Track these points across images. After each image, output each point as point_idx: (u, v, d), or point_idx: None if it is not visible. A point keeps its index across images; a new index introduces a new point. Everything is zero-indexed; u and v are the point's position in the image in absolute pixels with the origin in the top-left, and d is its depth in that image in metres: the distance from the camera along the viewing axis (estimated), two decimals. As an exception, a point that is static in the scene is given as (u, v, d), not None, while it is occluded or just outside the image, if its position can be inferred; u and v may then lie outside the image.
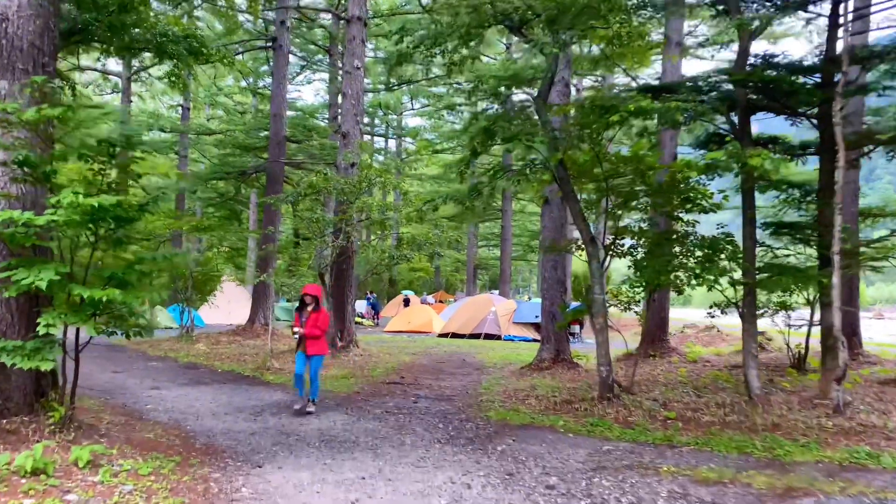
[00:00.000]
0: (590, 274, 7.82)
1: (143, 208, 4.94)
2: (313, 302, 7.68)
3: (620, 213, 8.31)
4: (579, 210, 7.76)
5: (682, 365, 12.27)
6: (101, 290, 4.26)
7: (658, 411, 7.26)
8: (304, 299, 7.74)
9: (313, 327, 7.55)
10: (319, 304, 7.70)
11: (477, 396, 8.97)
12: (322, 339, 7.68)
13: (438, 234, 14.29)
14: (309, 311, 7.65)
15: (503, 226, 33.89)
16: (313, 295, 7.72)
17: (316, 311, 7.62)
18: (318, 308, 7.66)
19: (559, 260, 12.12)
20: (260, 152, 19.80)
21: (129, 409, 7.75)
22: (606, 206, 8.45)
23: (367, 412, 7.71)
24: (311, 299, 7.70)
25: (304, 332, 7.54)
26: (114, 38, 12.97)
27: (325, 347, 7.79)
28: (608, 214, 8.57)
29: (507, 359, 14.52)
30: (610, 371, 7.86)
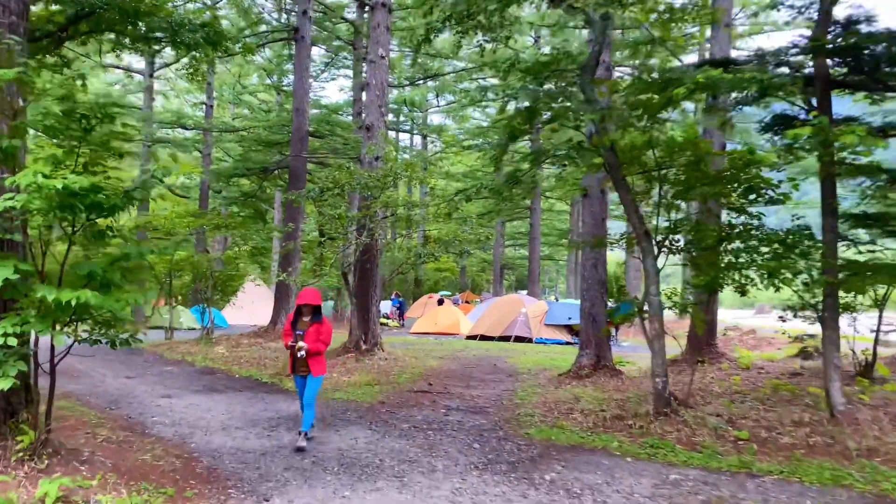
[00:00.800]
0: (644, 273, 6.91)
1: (130, 196, 4.18)
2: (312, 312, 6.33)
3: (677, 204, 7.37)
4: (632, 200, 6.86)
5: (735, 372, 11.26)
6: (70, 292, 3.51)
7: (726, 430, 6.32)
8: (301, 309, 6.33)
9: (316, 341, 6.24)
10: (321, 313, 6.36)
11: (513, 408, 8.11)
12: (323, 357, 6.44)
13: (467, 230, 13.42)
14: (307, 321, 6.30)
15: (532, 224, 32.91)
16: (313, 304, 6.32)
17: (316, 321, 6.28)
18: (320, 318, 6.32)
19: (599, 258, 11.19)
20: (283, 148, 19.16)
21: (132, 422, 7.05)
22: (660, 198, 7.51)
23: (393, 427, 6.89)
24: (309, 309, 6.33)
25: (309, 347, 6.15)
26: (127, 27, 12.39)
27: (325, 366, 6.48)
28: (660, 207, 7.63)
29: (541, 364, 13.62)
30: (666, 383, 6.95)
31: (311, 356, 6.25)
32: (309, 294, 6.37)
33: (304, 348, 6.14)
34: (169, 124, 25.20)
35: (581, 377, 10.57)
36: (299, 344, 6.16)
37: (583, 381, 10.36)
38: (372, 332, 14.01)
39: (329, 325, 6.38)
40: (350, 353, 13.22)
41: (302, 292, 6.44)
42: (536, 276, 32.31)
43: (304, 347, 6.14)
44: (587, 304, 11.19)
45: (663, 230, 7.43)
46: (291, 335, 6.30)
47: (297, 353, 6.18)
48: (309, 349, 6.17)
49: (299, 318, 6.35)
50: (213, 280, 16.23)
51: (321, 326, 6.30)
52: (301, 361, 6.27)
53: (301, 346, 6.16)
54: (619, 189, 6.82)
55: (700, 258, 7.53)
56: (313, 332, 6.23)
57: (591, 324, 11.05)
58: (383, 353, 13.57)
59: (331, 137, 17.90)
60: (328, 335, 6.38)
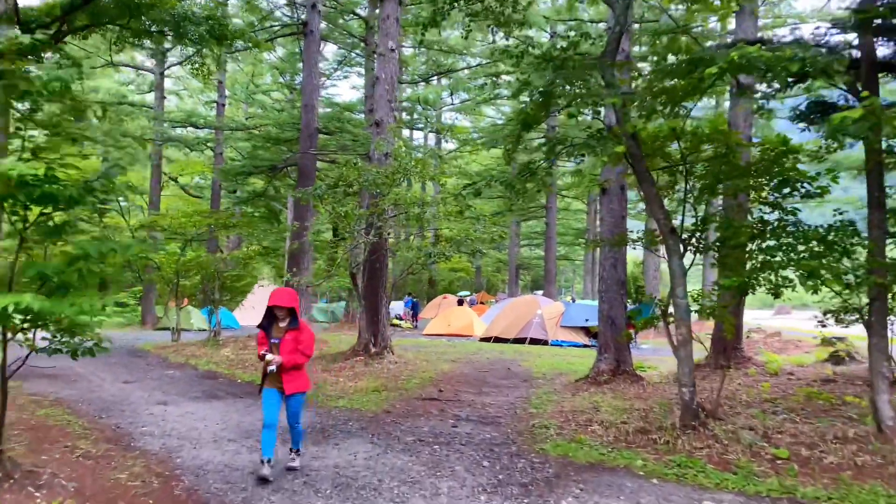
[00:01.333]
0: (669, 273, 6.34)
1: (90, 187, 3.69)
2: (288, 316, 5.22)
3: (706, 197, 6.78)
4: (656, 194, 6.29)
5: (763, 378, 10.61)
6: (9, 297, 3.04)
7: (761, 446, 5.73)
8: (275, 312, 5.20)
9: (293, 352, 5.14)
10: (298, 317, 5.26)
11: (527, 418, 7.56)
12: (304, 371, 5.36)
13: (480, 229, 12.87)
14: (282, 327, 5.19)
15: (547, 223, 32.30)
16: (287, 307, 5.17)
17: (293, 328, 5.17)
18: (297, 323, 5.22)
19: (619, 257, 10.60)
20: (292, 146, 18.74)
21: (119, 433, 6.60)
22: (685, 192, 6.93)
23: (397, 440, 6.38)
24: (284, 313, 5.19)
25: (283, 360, 5.08)
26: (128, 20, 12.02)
27: (307, 381, 5.39)
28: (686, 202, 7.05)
29: (557, 367, 13.04)
30: (694, 393, 6.37)
31: (288, 371, 5.14)
32: (282, 294, 5.22)
33: (277, 362, 5.04)
34: (180, 122, 24.87)
35: (599, 383, 10.00)
36: (269, 357, 5.02)
37: (601, 387, 9.78)
38: (381, 335, 13.54)
39: (310, 332, 5.30)
40: (359, 356, 12.75)
41: (274, 292, 5.26)
42: (553, 276, 31.67)
43: (276, 361, 5.03)
44: (605, 305, 10.61)
45: (690, 227, 6.85)
46: (265, 344, 5.23)
47: (270, 368, 5.03)
48: (284, 362, 5.08)
49: (274, 323, 5.25)
50: (219, 280, 15.81)
51: (300, 333, 5.19)
52: (274, 376, 5.16)
53: (272, 360, 5.02)
54: (643, 182, 6.25)
55: (730, 257, 6.94)
56: (290, 341, 5.13)
57: (610, 327, 10.47)
58: (393, 357, 13.08)
59: (340, 134, 17.43)
60: (309, 344, 5.26)
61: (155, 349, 15.44)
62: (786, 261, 5.84)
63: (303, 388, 5.34)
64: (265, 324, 5.25)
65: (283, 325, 5.21)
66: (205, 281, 16.73)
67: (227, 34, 13.58)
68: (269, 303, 5.15)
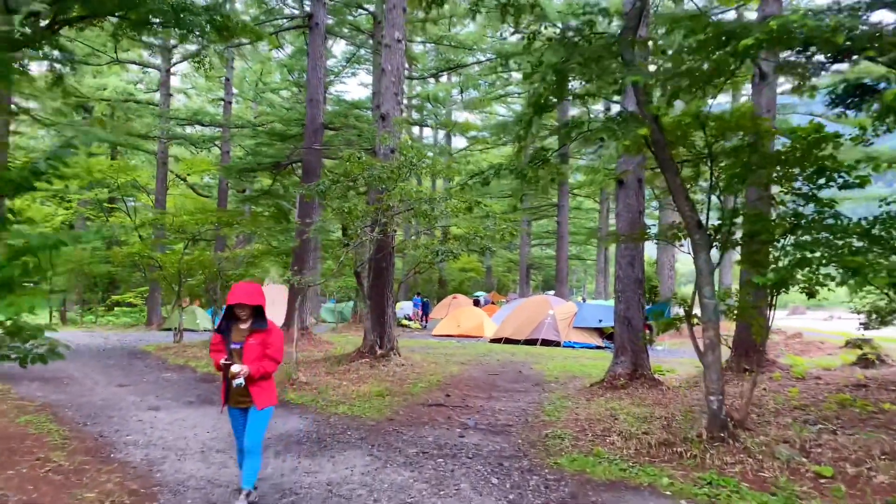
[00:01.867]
0: (696, 271, 5.79)
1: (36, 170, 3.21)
2: (252, 316, 4.36)
3: (738, 187, 6.22)
4: (681, 185, 5.74)
5: (789, 383, 10.02)
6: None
7: (800, 462, 5.17)
8: (236, 312, 4.34)
9: (261, 358, 4.29)
10: (264, 315, 4.38)
11: (540, 427, 7.03)
12: (271, 381, 4.48)
13: (490, 226, 12.36)
14: (244, 329, 4.34)
15: (559, 222, 31.69)
16: (252, 305, 4.30)
17: (259, 329, 4.32)
18: (264, 324, 4.35)
19: (636, 255, 10.05)
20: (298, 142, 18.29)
21: (100, 443, 6.14)
22: (711, 183, 6.38)
23: (398, 452, 5.87)
24: (247, 312, 4.33)
25: (251, 371, 4.24)
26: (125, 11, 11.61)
27: (274, 394, 4.50)
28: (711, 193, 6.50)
29: (570, 370, 12.51)
30: (722, 402, 5.82)
31: (255, 382, 4.31)
32: (244, 290, 4.28)
33: (245, 374, 4.20)
34: (185, 120, 24.53)
35: (616, 388, 9.46)
36: (234, 368, 4.19)
37: (618, 392, 9.24)
38: (388, 336, 13.07)
39: (279, 334, 4.42)
40: (364, 358, 12.27)
41: (235, 287, 4.33)
42: (564, 276, 31.05)
43: (244, 373, 4.20)
44: (622, 306, 10.06)
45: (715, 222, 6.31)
46: (223, 350, 4.34)
47: (233, 381, 4.21)
48: (252, 373, 4.23)
49: (234, 326, 4.37)
50: (222, 280, 15.39)
51: (267, 336, 4.32)
52: (241, 391, 4.32)
53: (237, 372, 4.18)
54: (666, 171, 5.71)
55: (760, 253, 6.39)
56: (256, 346, 4.29)
57: (627, 328, 9.92)
58: (399, 359, 12.60)
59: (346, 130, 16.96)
60: (278, 348, 4.38)
61: (156, 350, 15.05)
62: (827, 257, 5.28)
63: (272, 402, 4.48)
64: (223, 326, 4.38)
65: (244, 326, 4.36)
66: (208, 281, 16.32)
67: (229, 26, 13.16)
68: (228, 300, 4.25)
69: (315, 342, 16.49)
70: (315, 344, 16.25)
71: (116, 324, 26.46)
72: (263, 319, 4.38)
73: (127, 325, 25.73)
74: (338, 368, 11.55)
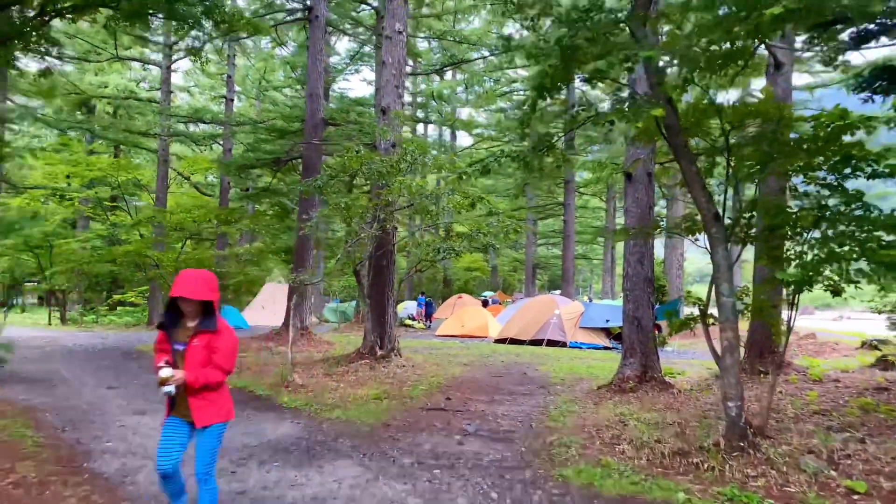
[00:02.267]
0: (714, 267, 5.36)
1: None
2: (201, 313, 3.59)
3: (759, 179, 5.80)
4: (697, 174, 5.32)
5: (806, 385, 9.58)
6: None
7: (829, 476, 4.74)
8: (179, 305, 3.55)
9: (204, 365, 3.52)
10: (215, 313, 3.60)
11: (545, 434, 6.61)
12: (223, 392, 3.69)
13: (494, 223, 11.95)
14: (191, 328, 3.58)
15: (565, 221, 31.27)
16: (198, 300, 3.51)
17: (206, 329, 3.54)
18: (213, 324, 3.56)
19: (646, 252, 9.62)
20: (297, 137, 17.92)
21: (76, 451, 5.76)
22: (728, 173, 5.94)
23: (392, 462, 5.47)
24: (193, 308, 3.55)
25: (186, 378, 3.46)
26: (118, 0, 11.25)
27: (228, 406, 3.71)
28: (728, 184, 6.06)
29: (577, 372, 12.09)
30: (741, 408, 5.39)
31: (197, 393, 3.52)
32: (190, 281, 3.46)
33: (177, 380, 3.40)
34: (186, 117, 24.21)
35: (625, 391, 9.03)
36: (164, 372, 3.36)
37: (627, 395, 8.82)
38: (388, 337, 12.69)
39: (231, 336, 3.61)
40: (364, 359, 11.88)
41: (181, 276, 3.51)
42: (571, 275, 30.61)
43: (175, 379, 3.39)
44: (631, 305, 9.63)
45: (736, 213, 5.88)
46: (168, 351, 3.60)
47: (163, 389, 3.40)
48: (188, 381, 3.44)
49: (180, 324, 3.61)
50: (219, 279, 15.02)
51: (215, 338, 3.53)
52: (179, 401, 3.56)
53: (170, 378, 3.37)
54: (681, 159, 5.29)
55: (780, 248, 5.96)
56: (200, 349, 3.50)
57: (636, 328, 9.49)
58: (400, 360, 12.21)
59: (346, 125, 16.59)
60: (227, 354, 3.56)
61: (152, 351, 14.69)
62: (858, 252, 4.84)
63: (221, 418, 3.62)
64: (167, 322, 3.62)
65: (191, 324, 3.58)
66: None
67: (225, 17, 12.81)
68: (172, 292, 3.45)
69: (315, 342, 16.11)
70: (315, 344, 15.87)
71: (118, 323, 26.16)
72: (213, 318, 3.56)
73: (129, 325, 25.44)
74: (336, 370, 11.16)
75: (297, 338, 16.06)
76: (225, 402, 3.69)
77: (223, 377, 3.60)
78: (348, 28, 25.28)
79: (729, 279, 5.28)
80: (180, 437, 3.60)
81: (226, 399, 3.71)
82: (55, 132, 30.02)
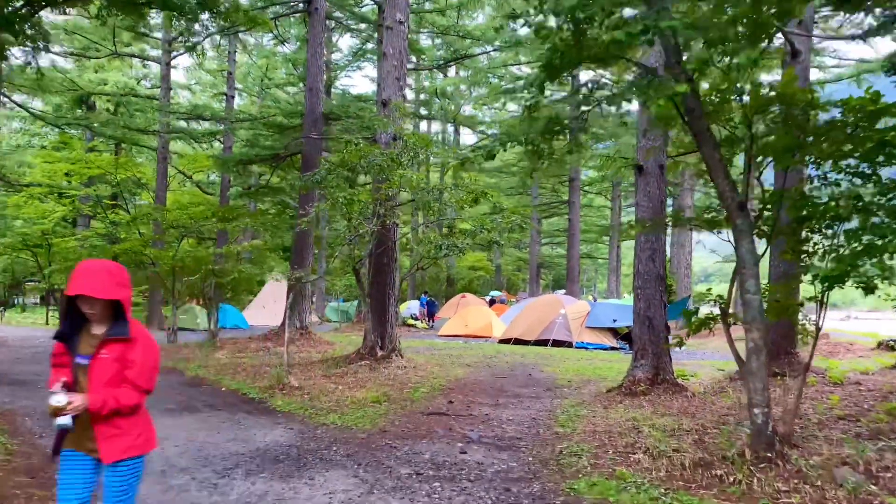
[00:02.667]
0: (738, 261, 4.93)
1: None
2: (106, 315, 2.70)
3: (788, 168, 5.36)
4: (720, 160, 4.89)
5: (827, 388, 9.14)
6: None
7: (869, 491, 4.30)
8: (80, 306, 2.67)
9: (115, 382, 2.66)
10: (125, 316, 2.70)
11: (553, 441, 6.19)
12: (140, 416, 2.80)
13: (499, 220, 11.53)
14: (96, 336, 2.70)
15: (570, 219, 30.84)
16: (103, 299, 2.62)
17: (117, 337, 2.67)
18: (125, 330, 2.69)
19: (658, 248, 9.19)
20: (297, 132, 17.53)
21: (48, 460, 5.36)
22: (749, 162, 5.51)
23: (388, 473, 5.05)
24: (98, 309, 2.66)
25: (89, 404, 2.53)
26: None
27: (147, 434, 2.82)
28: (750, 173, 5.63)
29: (584, 373, 11.66)
30: (769, 415, 4.96)
31: (105, 420, 2.63)
32: (90, 275, 2.61)
33: (76, 409, 2.50)
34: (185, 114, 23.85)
35: (636, 394, 8.60)
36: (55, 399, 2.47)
37: (638, 398, 8.39)
38: (389, 337, 12.29)
39: (149, 346, 2.75)
40: (364, 360, 11.48)
41: (78, 270, 2.63)
42: (576, 274, 30.19)
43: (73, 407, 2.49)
44: (642, 304, 9.19)
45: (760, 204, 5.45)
46: (68, 364, 2.70)
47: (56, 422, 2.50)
48: (90, 407, 2.54)
49: (83, 331, 2.73)
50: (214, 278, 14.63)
51: (129, 348, 2.68)
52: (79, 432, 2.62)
53: (64, 407, 2.47)
54: (703, 145, 4.85)
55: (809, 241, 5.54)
56: (109, 364, 2.65)
57: (648, 329, 9.06)
58: (402, 361, 11.80)
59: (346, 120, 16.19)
60: (146, 368, 2.71)
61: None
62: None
63: (137, 450, 2.74)
64: (65, 330, 2.74)
65: (98, 331, 2.70)
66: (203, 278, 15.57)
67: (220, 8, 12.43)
68: (68, 289, 2.61)
69: (315, 342, 15.71)
70: (314, 344, 15.47)
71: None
72: (124, 323, 2.69)
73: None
74: (335, 371, 10.77)
75: (297, 338, 15.67)
76: (142, 430, 2.78)
77: (140, 398, 2.71)
78: (350, 23, 24.90)
79: (755, 274, 4.85)
80: (84, 476, 2.68)
81: (143, 425, 2.80)
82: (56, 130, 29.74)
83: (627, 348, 16.23)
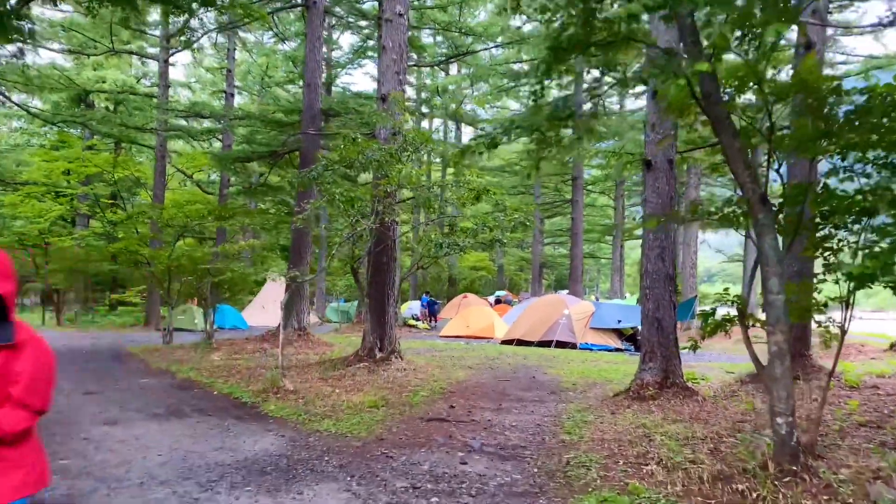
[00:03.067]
0: (760, 258, 4.57)
1: None
2: None
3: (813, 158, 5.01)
4: (740, 149, 4.53)
5: (844, 393, 8.77)
6: None
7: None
8: None
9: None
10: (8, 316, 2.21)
11: (559, 450, 5.83)
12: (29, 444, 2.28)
13: (501, 217, 11.17)
14: None
15: (573, 218, 30.44)
16: None
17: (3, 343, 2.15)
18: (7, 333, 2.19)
19: (667, 247, 8.83)
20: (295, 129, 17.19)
21: (21, 471, 5.01)
22: (770, 154, 5.15)
23: (383, 487, 4.69)
24: None
25: None
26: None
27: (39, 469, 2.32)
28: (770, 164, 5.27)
29: (589, 376, 11.29)
30: (794, 425, 4.60)
31: None
32: None
33: None
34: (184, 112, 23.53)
35: (644, 398, 8.23)
36: None
37: (647, 403, 8.02)
38: (389, 338, 11.94)
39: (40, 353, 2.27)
40: (363, 362, 11.14)
41: None
42: (579, 274, 29.80)
43: None
44: (650, 305, 8.82)
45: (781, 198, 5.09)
46: None
47: None
48: None
49: None
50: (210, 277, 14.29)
51: (13, 357, 2.19)
52: None
53: None
54: (722, 133, 4.50)
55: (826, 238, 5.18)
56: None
57: (657, 330, 8.69)
58: (401, 363, 11.44)
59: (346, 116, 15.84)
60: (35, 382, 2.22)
61: (142, 352, 13.99)
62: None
63: (29, 488, 2.25)
64: None
65: None
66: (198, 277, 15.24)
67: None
68: None
69: (313, 343, 15.37)
70: (313, 345, 15.14)
71: (117, 323, 25.51)
72: (7, 325, 2.21)
73: (126, 325, 24.78)
74: (332, 374, 10.42)
75: (295, 339, 15.32)
76: (33, 462, 2.25)
77: (29, 421, 2.18)
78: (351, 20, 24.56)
79: (779, 273, 4.49)
80: None
81: (33, 456, 2.26)
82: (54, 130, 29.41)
83: (632, 350, 15.86)
